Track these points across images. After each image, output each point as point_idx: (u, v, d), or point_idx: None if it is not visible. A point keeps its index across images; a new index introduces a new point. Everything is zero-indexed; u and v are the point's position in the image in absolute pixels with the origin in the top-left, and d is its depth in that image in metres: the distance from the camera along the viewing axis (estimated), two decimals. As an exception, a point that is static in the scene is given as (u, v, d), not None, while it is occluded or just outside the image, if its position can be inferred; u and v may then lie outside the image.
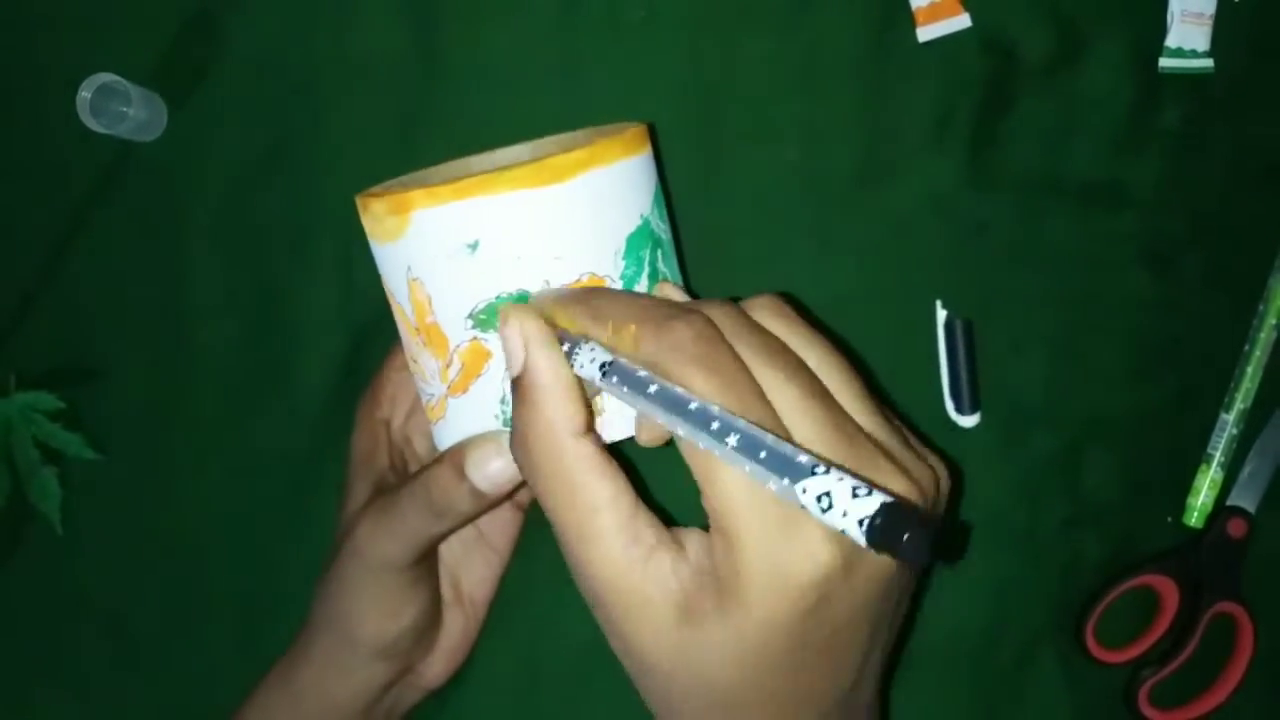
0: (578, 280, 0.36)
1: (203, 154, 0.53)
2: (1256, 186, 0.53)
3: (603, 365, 0.32)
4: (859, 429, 0.32)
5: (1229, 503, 0.52)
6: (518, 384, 0.34)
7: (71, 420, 0.53)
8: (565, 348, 0.33)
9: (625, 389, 0.31)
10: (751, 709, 0.32)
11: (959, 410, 0.52)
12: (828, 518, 0.25)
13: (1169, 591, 0.52)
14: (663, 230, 0.39)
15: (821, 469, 0.26)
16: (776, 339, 0.33)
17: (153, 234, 0.53)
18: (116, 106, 0.51)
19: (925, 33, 0.52)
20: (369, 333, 0.52)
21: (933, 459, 0.35)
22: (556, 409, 0.32)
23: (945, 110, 0.52)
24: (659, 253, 0.38)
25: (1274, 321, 0.52)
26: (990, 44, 0.52)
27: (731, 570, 0.30)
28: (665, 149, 0.51)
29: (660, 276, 0.38)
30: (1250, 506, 0.52)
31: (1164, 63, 0.52)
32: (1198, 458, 0.52)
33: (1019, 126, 0.52)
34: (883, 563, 0.31)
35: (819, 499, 0.26)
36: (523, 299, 0.36)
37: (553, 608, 0.52)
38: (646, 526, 0.32)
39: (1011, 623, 0.53)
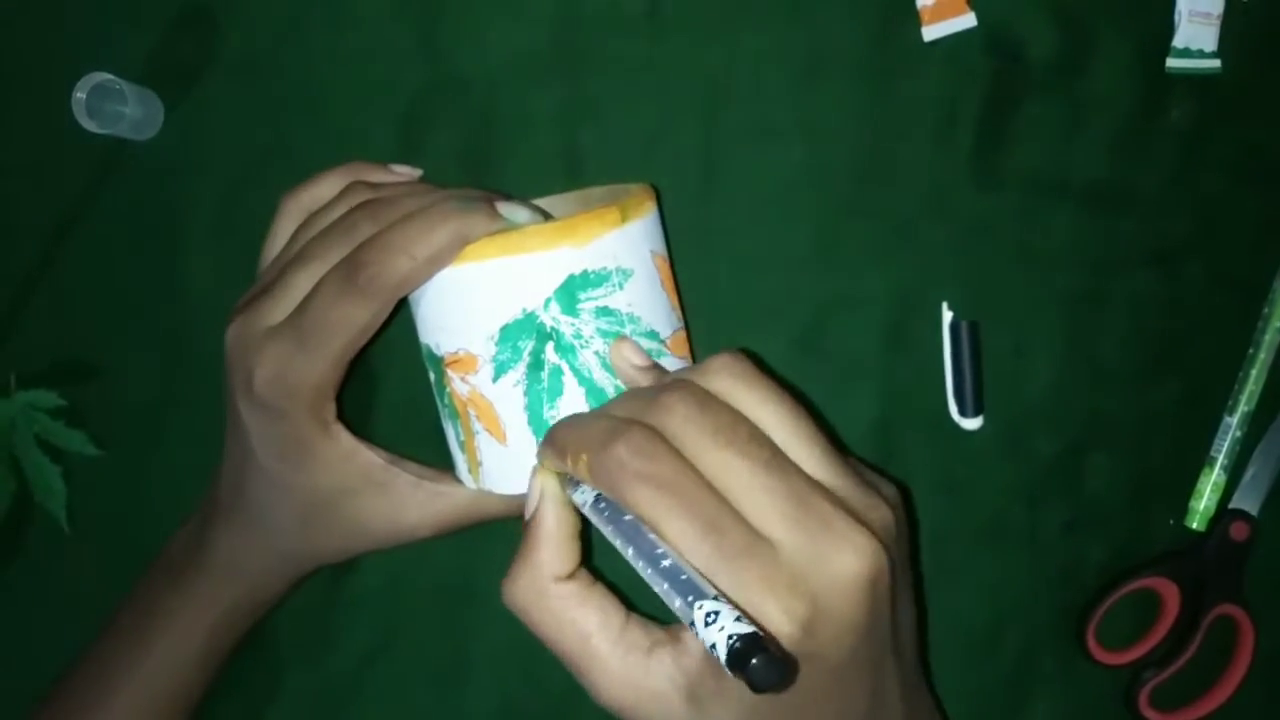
0: (454, 352, 0.41)
1: (199, 152, 0.53)
2: (1263, 187, 0.52)
3: (589, 505, 0.35)
4: (814, 488, 0.34)
5: (1231, 505, 0.52)
6: (524, 530, 0.37)
7: (73, 417, 0.53)
8: (570, 490, 0.37)
9: (608, 529, 0.34)
10: None
11: (962, 412, 0.52)
12: (705, 633, 0.29)
13: (1170, 594, 0.52)
14: (569, 325, 0.40)
15: (710, 597, 0.30)
16: (728, 414, 0.34)
17: (150, 232, 0.53)
18: (112, 105, 0.50)
19: (930, 31, 0.51)
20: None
21: (885, 489, 0.37)
22: (545, 555, 0.36)
23: (950, 109, 0.52)
24: (549, 345, 0.40)
25: (1278, 324, 0.52)
26: (996, 43, 0.51)
27: None
28: (665, 147, 0.51)
29: (544, 365, 0.40)
30: (1253, 509, 0.52)
31: (1171, 63, 0.51)
32: (1200, 460, 0.52)
33: (1024, 126, 0.52)
34: (846, 612, 0.33)
35: (707, 616, 0.29)
36: (429, 354, 0.43)
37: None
38: (640, 635, 0.35)
39: (1012, 624, 0.53)
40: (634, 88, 0.52)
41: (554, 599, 0.35)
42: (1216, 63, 0.51)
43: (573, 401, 0.41)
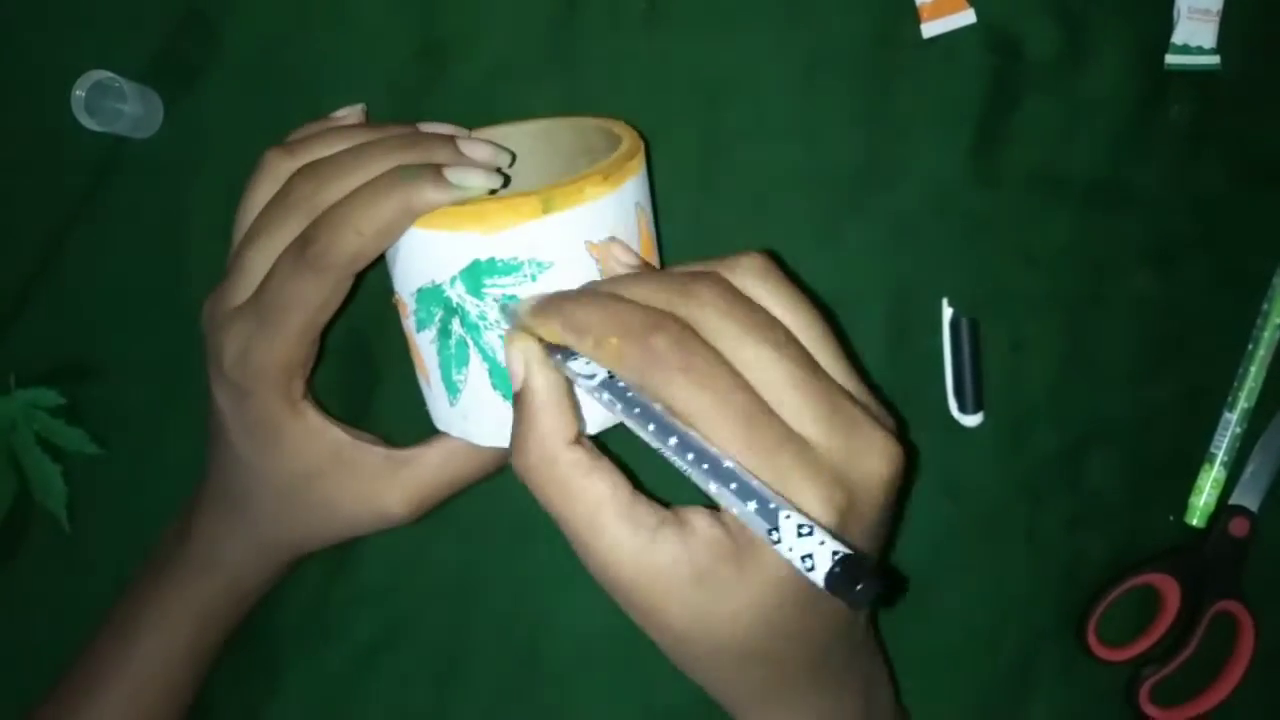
0: (397, 294, 0.42)
1: (199, 150, 0.53)
2: (1262, 185, 0.52)
3: (598, 383, 0.34)
4: (842, 392, 0.35)
5: (1231, 502, 0.52)
6: (517, 400, 0.36)
7: (73, 416, 0.53)
8: (558, 358, 0.35)
9: (619, 408, 0.34)
10: (769, 652, 0.35)
11: (962, 409, 0.52)
12: (798, 544, 0.29)
13: (1171, 590, 0.52)
14: (474, 305, 0.40)
15: (787, 516, 0.30)
16: (760, 313, 0.35)
17: (150, 230, 0.53)
18: (111, 103, 0.50)
19: (929, 29, 0.51)
20: (368, 328, 0.52)
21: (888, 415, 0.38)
22: (549, 422, 0.35)
23: (949, 107, 0.52)
24: (455, 319, 0.40)
25: (1278, 321, 0.52)
26: (995, 40, 0.51)
27: (746, 536, 0.33)
28: (665, 145, 0.51)
29: (451, 334, 0.40)
30: (1253, 506, 0.52)
31: (1170, 59, 0.51)
32: (1200, 457, 0.52)
33: (1023, 124, 0.52)
34: (867, 516, 0.34)
35: (800, 528, 0.30)
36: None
37: (551, 603, 0.53)
38: (647, 512, 0.34)
39: (1013, 621, 0.53)
40: (633, 86, 0.52)
41: (564, 466, 0.35)
42: (1216, 59, 0.51)
43: (477, 373, 0.40)
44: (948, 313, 0.52)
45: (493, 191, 0.41)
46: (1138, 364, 0.53)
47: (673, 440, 0.32)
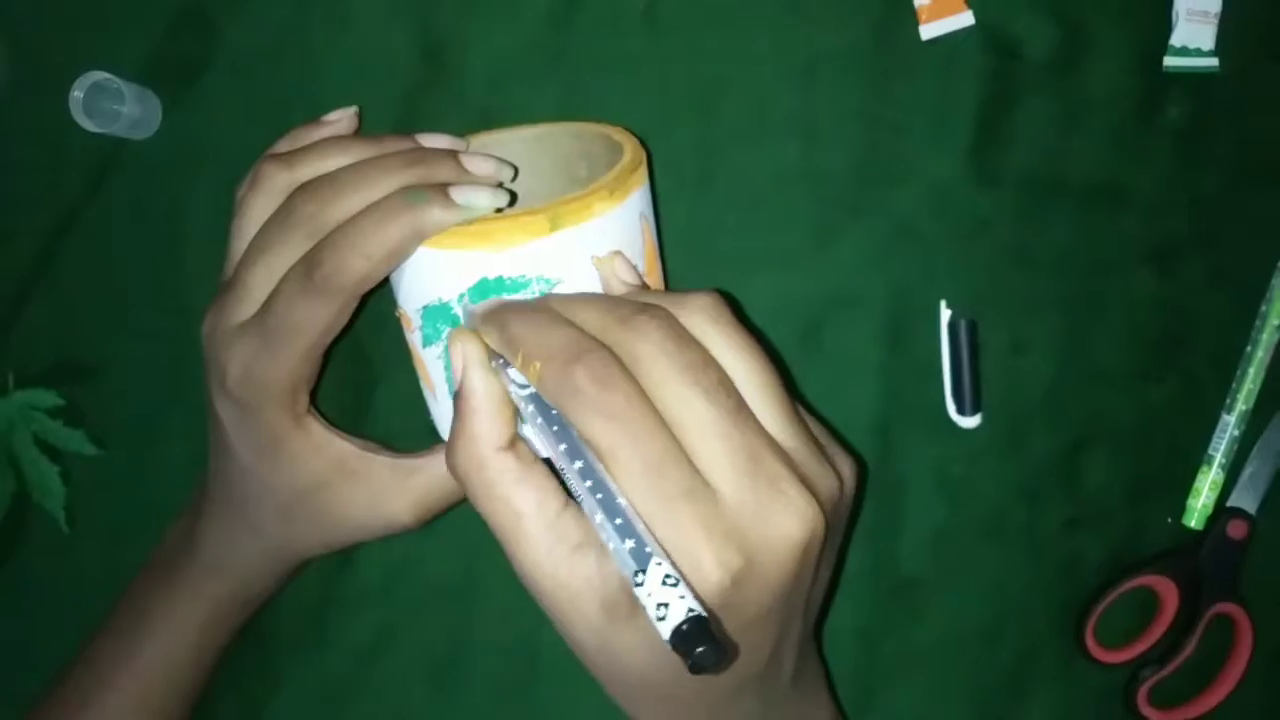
0: (401, 309, 0.42)
1: (198, 150, 0.53)
2: (1261, 186, 0.52)
3: (526, 395, 0.35)
4: (769, 446, 0.33)
5: (1229, 504, 0.52)
6: (455, 400, 0.36)
7: (72, 416, 0.53)
8: (499, 362, 0.36)
9: (539, 420, 0.34)
10: (672, 689, 0.35)
11: (960, 411, 0.52)
12: (656, 591, 0.29)
13: (1169, 592, 0.52)
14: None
15: (657, 563, 0.30)
16: (699, 353, 0.34)
17: (149, 231, 0.53)
18: (110, 104, 0.50)
19: (928, 30, 0.51)
20: (367, 328, 0.52)
21: (840, 462, 0.37)
22: (480, 425, 0.35)
23: (948, 108, 0.52)
24: None
25: (1276, 323, 0.52)
26: (993, 42, 0.51)
27: None
28: (664, 145, 0.51)
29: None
30: (1250, 508, 0.52)
31: (1169, 61, 0.51)
32: (1199, 459, 0.52)
33: (1022, 125, 0.52)
34: (773, 575, 0.33)
35: (665, 578, 0.30)
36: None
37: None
38: (573, 527, 0.34)
39: (1011, 623, 0.53)
40: (632, 86, 0.52)
41: (492, 472, 0.34)
42: (1214, 61, 0.51)
43: None
44: (945, 314, 0.52)
45: (498, 209, 0.41)
46: (1136, 366, 0.52)
47: (578, 464, 0.32)
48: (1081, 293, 0.52)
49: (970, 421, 0.52)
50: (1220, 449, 0.52)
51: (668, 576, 0.29)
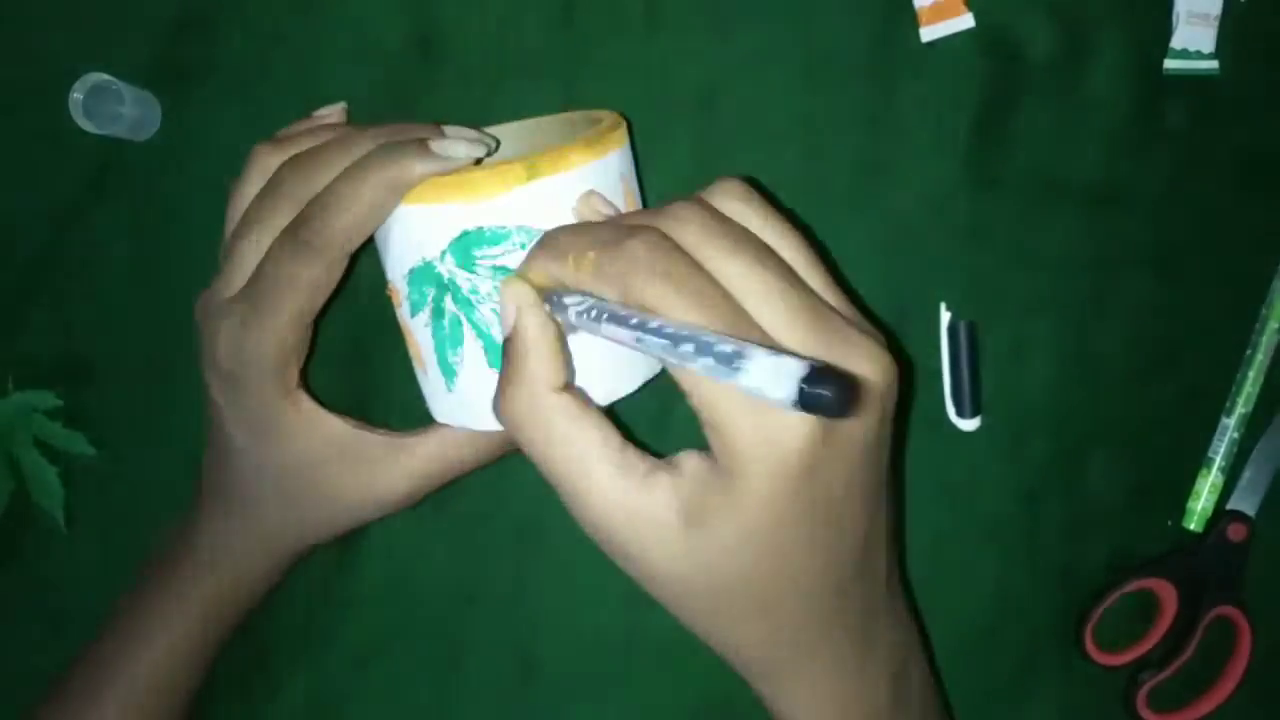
0: (390, 282, 0.42)
1: (197, 152, 0.53)
2: (1261, 189, 0.52)
3: (584, 307, 0.34)
4: (827, 304, 0.34)
5: (1229, 507, 0.52)
6: (506, 346, 0.35)
7: (71, 418, 0.53)
8: (551, 304, 0.35)
9: (602, 324, 0.33)
10: (771, 591, 0.34)
11: (960, 413, 0.52)
12: (769, 363, 0.27)
13: (1168, 595, 0.52)
14: (465, 279, 0.39)
15: (752, 351, 0.28)
16: (740, 228, 0.34)
17: (148, 233, 0.53)
18: (110, 106, 0.50)
19: (928, 33, 0.51)
20: (367, 328, 0.52)
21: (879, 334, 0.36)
22: (537, 365, 0.34)
23: (948, 110, 0.52)
24: (448, 296, 0.40)
25: (1276, 325, 0.52)
26: (994, 44, 0.51)
27: (728, 456, 0.32)
28: (664, 146, 0.51)
29: (445, 314, 0.40)
30: (1250, 511, 0.52)
31: (1169, 64, 0.51)
32: (1198, 461, 0.52)
33: (1022, 127, 0.52)
34: (856, 427, 0.32)
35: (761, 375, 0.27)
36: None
37: (551, 603, 0.53)
38: (637, 459, 0.34)
39: (1011, 625, 0.53)
40: (632, 88, 0.52)
41: (551, 411, 0.34)
42: (1214, 64, 0.51)
43: (472, 352, 0.40)
44: (945, 317, 0.52)
45: (478, 164, 0.41)
46: (1136, 368, 0.52)
47: (653, 324, 0.31)
48: (1081, 295, 0.52)
49: (970, 424, 0.52)
50: (1220, 452, 0.52)
51: (765, 352, 0.27)
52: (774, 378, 0.26)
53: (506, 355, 0.35)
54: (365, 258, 0.42)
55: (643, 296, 0.32)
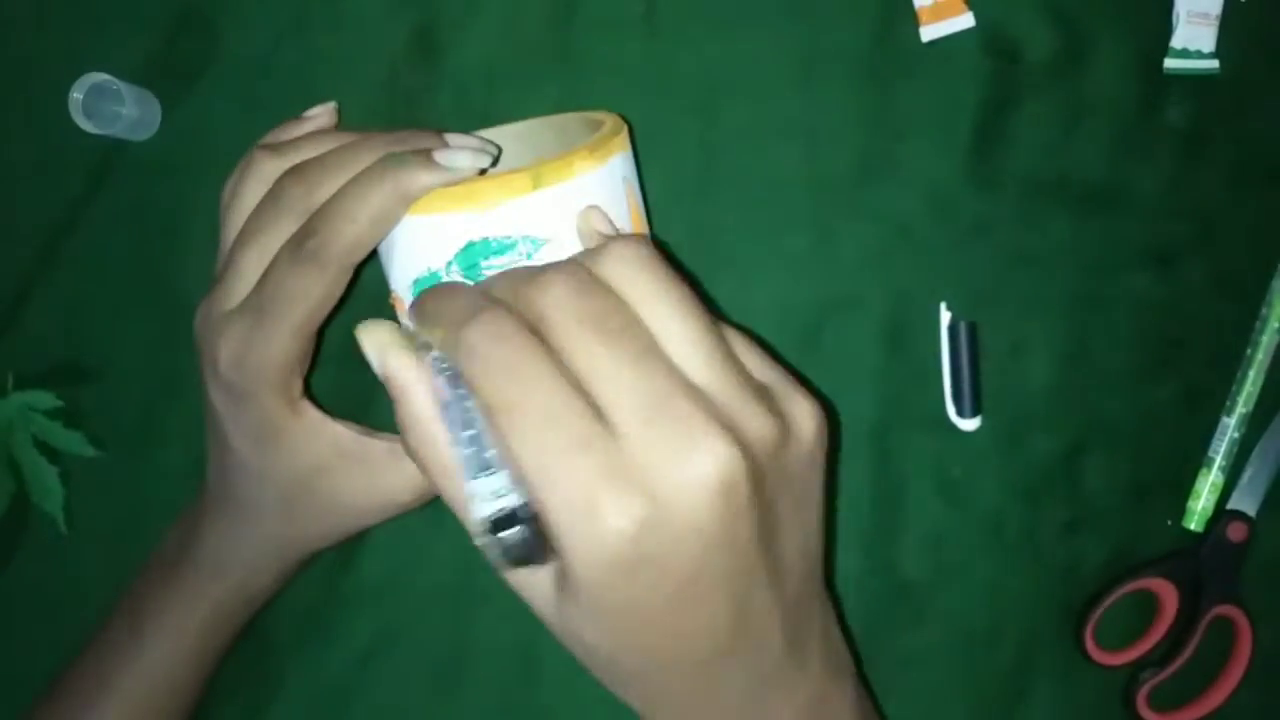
0: (393, 290, 0.42)
1: (197, 153, 0.53)
2: (1261, 189, 0.52)
3: (436, 368, 0.33)
4: (679, 388, 0.31)
5: (1229, 506, 0.52)
6: (386, 387, 0.35)
7: (70, 418, 0.53)
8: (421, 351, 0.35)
9: (446, 392, 0.33)
10: (635, 663, 0.33)
11: (960, 413, 0.52)
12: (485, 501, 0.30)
13: (1168, 595, 0.52)
14: None
15: (490, 474, 0.30)
16: (602, 301, 0.32)
17: (148, 232, 0.53)
18: (110, 106, 0.50)
19: (928, 32, 0.51)
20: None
21: (793, 403, 0.34)
22: (414, 403, 0.34)
23: (948, 110, 0.52)
24: None
25: (1276, 325, 0.52)
26: (994, 44, 0.51)
27: (557, 541, 0.31)
28: (664, 146, 0.51)
29: None
30: (1250, 510, 0.52)
31: (1169, 63, 0.51)
32: (1199, 461, 0.52)
33: (1022, 127, 0.52)
34: (693, 515, 0.31)
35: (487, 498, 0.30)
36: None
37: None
38: None
39: (1011, 624, 0.53)
40: (632, 87, 0.52)
41: (441, 445, 0.33)
42: (1215, 63, 0.51)
43: None
44: (945, 317, 0.52)
45: (482, 173, 0.41)
46: (1136, 367, 0.52)
47: (467, 433, 0.32)
48: (1081, 294, 0.52)
49: (970, 424, 0.52)
50: (1220, 451, 0.52)
51: (498, 488, 0.29)
52: (481, 503, 0.29)
53: (391, 397, 0.35)
54: (367, 262, 0.42)
55: (473, 385, 0.31)
